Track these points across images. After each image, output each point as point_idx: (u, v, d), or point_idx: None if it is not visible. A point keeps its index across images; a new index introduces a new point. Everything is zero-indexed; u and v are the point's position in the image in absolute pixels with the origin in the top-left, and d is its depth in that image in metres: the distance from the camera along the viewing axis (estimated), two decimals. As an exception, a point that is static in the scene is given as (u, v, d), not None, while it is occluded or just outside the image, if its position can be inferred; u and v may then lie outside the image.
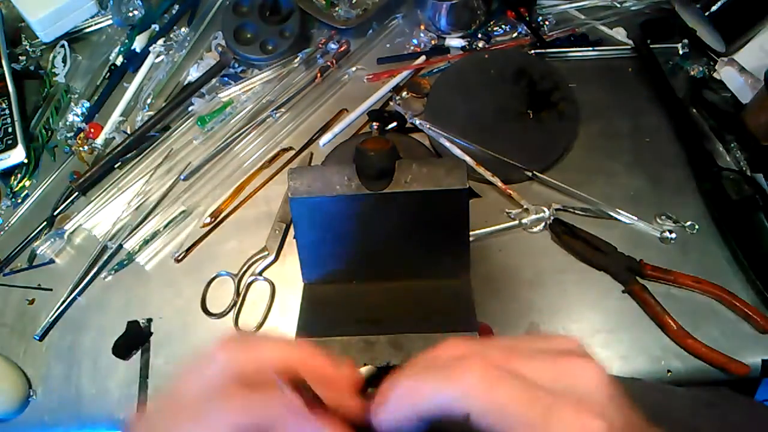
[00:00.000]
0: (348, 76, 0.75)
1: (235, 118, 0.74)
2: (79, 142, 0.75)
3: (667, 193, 0.64)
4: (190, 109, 0.75)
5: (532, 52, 0.72)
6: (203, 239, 0.68)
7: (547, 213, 0.63)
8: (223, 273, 0.65)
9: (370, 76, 0.74)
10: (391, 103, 0.72)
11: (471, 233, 0.56)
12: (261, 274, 0.65)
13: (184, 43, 0.79)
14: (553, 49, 0.72)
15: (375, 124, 0.71)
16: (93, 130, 0.76)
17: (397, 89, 0.73)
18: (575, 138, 0.67)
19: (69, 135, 0.77)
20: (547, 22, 0.74)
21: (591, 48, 0.72)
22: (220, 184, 0.71)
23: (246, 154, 0.72)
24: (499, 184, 0.65)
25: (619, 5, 0.74)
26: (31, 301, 0.68)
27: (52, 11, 0.80)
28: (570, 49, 0.72)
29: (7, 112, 0.76)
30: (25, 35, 0.85)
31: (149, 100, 0.77)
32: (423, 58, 0.74)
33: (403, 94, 0.73)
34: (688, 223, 0.62)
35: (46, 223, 0.72)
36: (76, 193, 0.73)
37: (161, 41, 0.80)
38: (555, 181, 0.65)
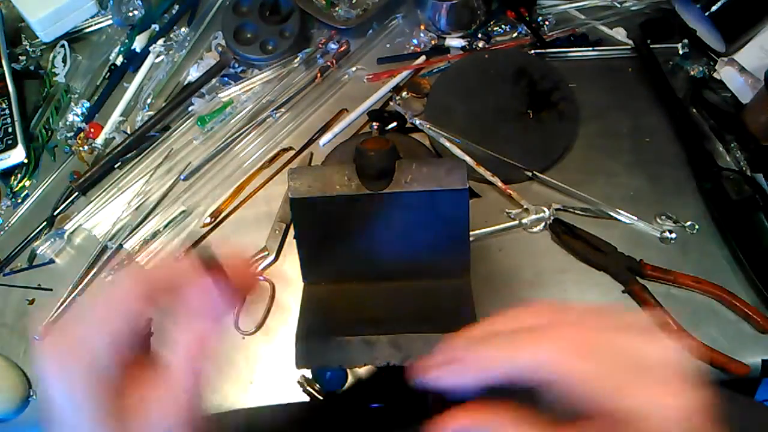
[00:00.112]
0: (348, 76, 0.75)
1: (235, 118, 0.74)
2: (79, 142, 0.75)
3: (667, 193, 0.64)
4: (190, 109, 0.75)
5: (532, 52, 0.72)
6: (203, 239, 0.68)
7: (547, 213, 0.63)
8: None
9: (370, 76, 0.74)
10: (391, 103, 0.72)
11: (471, 233, 0.57)
12: (261, 274, 0.65)
13: (184, 43, 0.79)
14: (553, 49, 0.72)
15: (375, 124, 0.71)
16: (93, 130, 0.76)
17: (397, 89, 0.73)
18: (575, 138, 0.67)
19: (69, 135, 0.77)
20: (547, 22, 0.74)
21: (591, 48, 0.72)
22: (220, 184, 0.71)
23: (246, 154, 0.72)
24: (499, 184, 0.65)
25: (619, 5, 0.74)
26: (31, 301, 0.68)
27: (52, 11, 0.80)
28: (570, 49, 0.72)
29: (7, 112, 0.76)
30: (25, 35, 0.85)
31: (149, 100, 0.77)
32: (423, 58, 0.74)
33: (403, 94, 0.73)
34: (688, 223, 0.62)
35: (46, 223, 0.72)
36: (76, 193, 0.73)
37: (161, 41, 0.80)
38: (555, 181, 0.65)
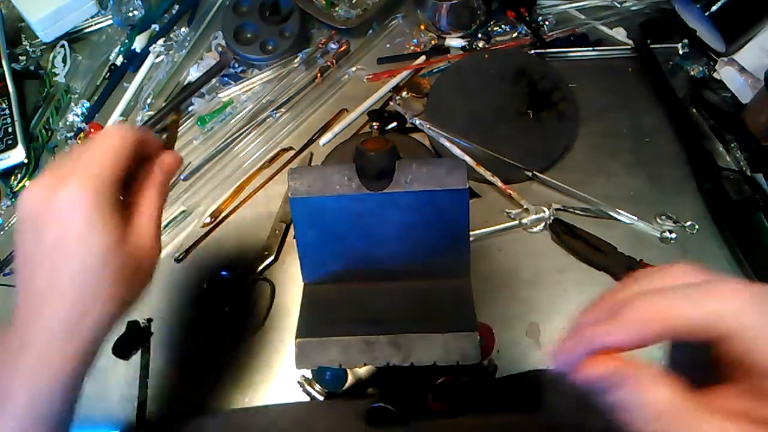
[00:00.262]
0: (348, 76, 0.75)
1: (235, 118, 0.74)
2: (80, 142, 0.75)
3: (667, 193, 0.64)
4: (190, 109, 0.75)
5: (532, 52, 0.72)
6: (203, 239, 0.68)
7: (547, 213, 0.63)
8: (223, 273, 0.65)
9: (370, 76, 0.74)
10: (391, 103, 0.72)
11: (471, 233, 0.57)
12: (261, 274, 0.65)
13: (184, 43, 0.79)
14: (553, 49, 0.72)
15: (375, 124, 0.71)
16: (93, 130, 0.76)
17: (397, 89, 0.73)
18: (575, 138, 0.67)
19: (69, 135, 0.77)
20: (547, 22, 0.74)
21: (591, 48, 0.72)
22: (220, 184, 0.71)
23: (246, 154, 0.72)
24: (499, 184, 0.65)
25: (619, 5, 0.74)
26: (31, 301, 0.68)
27: (52, 11, 0.80)
28: (570, 49, 0.72)
29: (7, 112, 0.76)
30: (25, 35, 0.85)
31: (149, 100, 0.77)
32: (423, 58, 0.74)
33: (403, 94, 0.73)
34: (688, 223, 0.62)
35: (46, 223, 0.72)
36: (76, 193, 0.73)
37: (161, 41, 0.80)
38: (555, 181, 0.65)
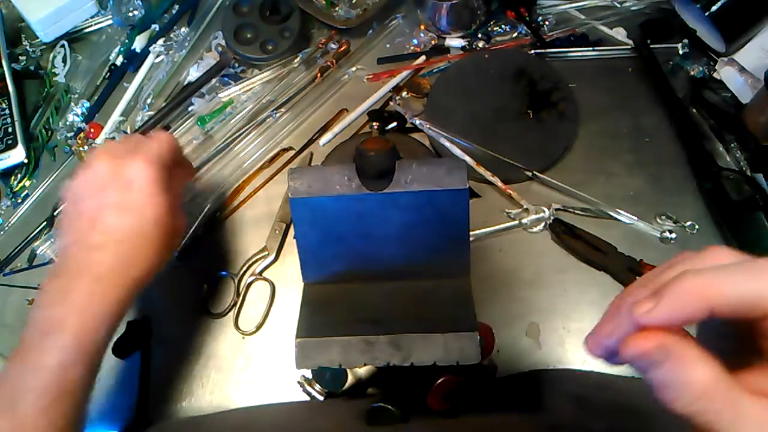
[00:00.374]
0: (348, 76, 0.75)
1: (235, 118, 0.74)
2: (79, 142, 0.75)
3: (667, 193, 0.64)
4: (190, 109, 0.75)
5: (532, 52, 0.72)
6: (203, 239, 0.68)
7: (547, 213, 0.63)
8: (223, 273, 0.65)
9: (370, 76, 0.74)
10: (391, 103, 0.72)
11: (471, 233, 0.57)
12: (261, 274, 0.65)
13: (184, 43, 0.79)
14: (553, 49, 0.72)
15: (375, 124, 0.71)
16: (93, 130, 0.76)
17: (397, 89, 0.73)
18: (575, 138, 0.67)
19: (69, 135, 0.77)
20: (547, 22, 0.74)
21: (591, 48, 0.72)
22: (220, 184, 0.71)
23: (246, 154, 0.72)
24: (499, 184, 0.65)
25: (619, 5, 0.74)
26: (31, 301, 0.68)
27: (52, 11, 0.80)
28: (570, 49, 0.72)
29: (7, 112, 0.76)
30: (25, 35, 0.85)
31: (149, 100, 0.77)
32: (423, 58, 0.74)
33: (403, 94, 0.73)
34: (688, 223, 0.62)
35: (46, 223, 0.72)
36: (76, 193, 0.73)
37: (161, 41, 0.80)
38: (555, 181, 0.65)
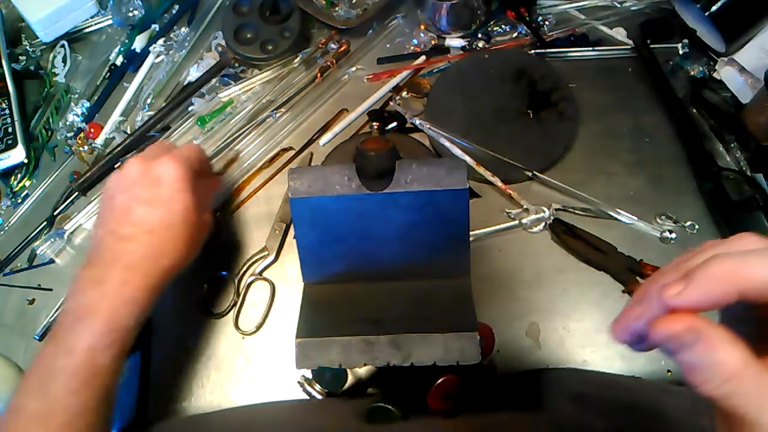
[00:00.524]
0: (348, 76, 0.75)
1: (235, 118, 0.74)
2: (79, 142, 0.75)
3: (667, 193, 0.64)
4: (190, 109, 0.75)
5: (532, 52, 0.72)
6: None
7: (547, 213, 0.63)
8: (223, 273, 0.65)
9: (370, 76, 0.74)
10: (391, 103, 0.72)
11: (471, 233, 0.57)
12: (261, 274, 0.65)
13: (184, 43, 0.79)
14: (553, 49, 0.72)
15: (375, 124, 0.71)
16: (93, 130, 0.76)
17: (397, 89, 0.73)
18: (575, 138, 0.67)
19: (69, 135, 0.77)
20: (547, 22, 0.74)
21: (591, 48, 0.72)
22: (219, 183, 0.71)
23: (246, 154, 0.72)
24: (499, 184, 0.65)
25: (619, 5, 0.74)
26: (31, 301, 0.68)
27: (52, 11, 0.80)
28: (570, 49, 0.72)
29: (7, 112, 0.76)
30: (25, 35, 0.85)
31: (149, 100, 0.77)
32: (423, 58, 0.74)
33: (403, 94, 0.73)
34: (688, 223, 0.62)
35: (46, 223, 0.72)
36: (76, 193, 0.73)
37: (161, 41, 0.80)
38: (555, 181, 0.65)
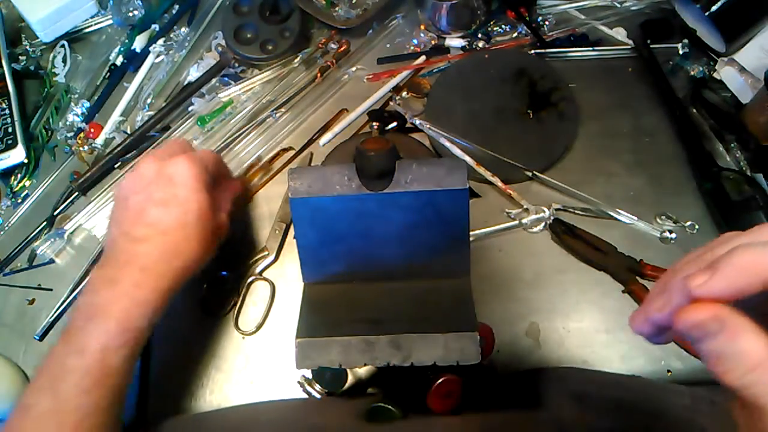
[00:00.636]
0: (348, 76, 0.75)
1: (235, 118, 0.74)
2: (79, 142, 0.75)
3: (667, 193, 0.64)
4: (190, 109, 0.75)
5: (532, 52, 0.72)
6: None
7: (547, 213, 0.63)
8: (223, 273, 0.65)
9: (370, 76, 0.74)
10: (391, 103, 0.72)
11: (471, 233, 0.57)
12: (261, 274, 0.65)
13: (184, 43, 0.79)
14: (553, 49, 0.72)
15: (375, 124, 0.71)
16: (93, 130, 0.76)
17: (397, 89, 0.73)
18: (575, 138, 0.67)
19: (69, 135, 0.77)
20: (547, 22, 0.74)
21: (591, 48, 0.72)
22: (220, 184, 0.71)
23: (246, 154, 0.72)
24: (499, 184, 0.65)
25: (619, 5, 0.74)
26: (31, 301, 0.68)
27: (52, 11, 0.80)
28: (570, 49, 0.72)
29: (7, 112, 0.76)
30: (25, 35, 0.85)
31: (149, 100, 0.77)
32: (423, 58, 0.74)
33: (403, 94, 0.73)
34: (688, 223, 0.62)
35: (46, 223, 0.72)
36: (76, 193, 0.73)
37: (161, 41, 0.80)
38: (555, 181, 0.65)
